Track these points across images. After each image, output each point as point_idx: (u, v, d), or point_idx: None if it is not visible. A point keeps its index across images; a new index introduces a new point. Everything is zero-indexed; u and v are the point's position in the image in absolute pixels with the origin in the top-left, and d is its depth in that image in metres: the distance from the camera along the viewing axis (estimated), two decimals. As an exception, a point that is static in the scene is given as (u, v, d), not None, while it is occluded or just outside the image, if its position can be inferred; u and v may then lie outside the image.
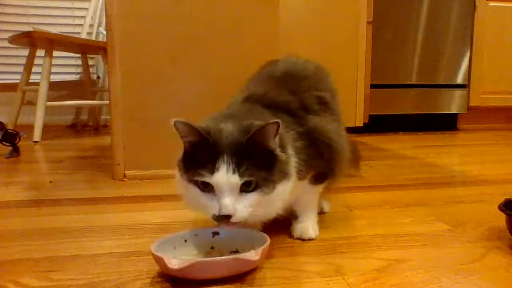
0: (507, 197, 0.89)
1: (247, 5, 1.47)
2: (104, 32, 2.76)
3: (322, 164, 0.83)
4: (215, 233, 0.80)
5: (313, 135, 0.81)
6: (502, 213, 0.83)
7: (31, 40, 2.49)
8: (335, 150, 0.84)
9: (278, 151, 0.72)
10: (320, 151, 0.82)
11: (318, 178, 0.85)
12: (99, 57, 3.16)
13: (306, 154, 0.79)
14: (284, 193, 0.73)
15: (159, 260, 0.68)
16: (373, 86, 2.70)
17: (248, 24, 1.47)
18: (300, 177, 0.79)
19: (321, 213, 1.02)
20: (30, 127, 2.38)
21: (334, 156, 0.84)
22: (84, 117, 3.32)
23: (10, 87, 2.90)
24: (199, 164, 0.69)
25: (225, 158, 0.68)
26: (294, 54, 0.97)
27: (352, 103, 2.48)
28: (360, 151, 1.32)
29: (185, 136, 0.72)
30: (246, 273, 0.70)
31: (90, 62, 3.20)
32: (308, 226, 0.88)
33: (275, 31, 1.48)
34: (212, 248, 0.78)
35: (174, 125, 0.70)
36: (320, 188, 0.89)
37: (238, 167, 0.68)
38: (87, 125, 3.28)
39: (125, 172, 1.43)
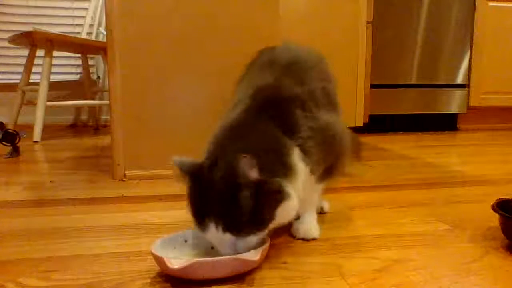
0: (507, 197, 0.89)
1: (247, 5, 1.47)
2: (104, 32, 2.76)
3: (330, 160, 0.84)
4: (215, 233, 0.80)
5: (325, 131, 0.81)
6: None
7: (31, 40, 2.49)
8: (342, 145, 0.85)
9: (263, 183, 0.68)
10: (332, 146, 0.83)
11: (324, 175, 0.85)
12: (99, 57, 3.16)
13: (321, 148, 0.79)
14: (289, 208, 0.71)
15: (159, 260, 0.68)
16: (373, 86, 2.71)
17: (248, 24, 1.47)
18: (314, 171, 0.80)
19: (321, 213, 1.03)
20: (30, 127, 2.38)
21: (341, 151, 0.85)
22: (84, 117, 3.32)
23: (10, 87, 2.90)
24: (192, 214, 0.71)
25: (212, 216, 0.67)
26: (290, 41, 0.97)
27: (352, 103, 2.48)
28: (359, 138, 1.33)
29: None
30: (246, 273, 0.70)
31: (90, 62, 3.20)
32: (311, 226, 0.88)
33: (275, 31, 1.48)
34: (212, 248, 0.78)
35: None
36: (323, 186, 0.89)
37: (226, 226, 0.67)
38: (87, 125, 3.28)
39: (125, 172, 1.43)
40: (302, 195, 0.78)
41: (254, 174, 0.67)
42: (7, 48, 3.00)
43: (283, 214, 0.71)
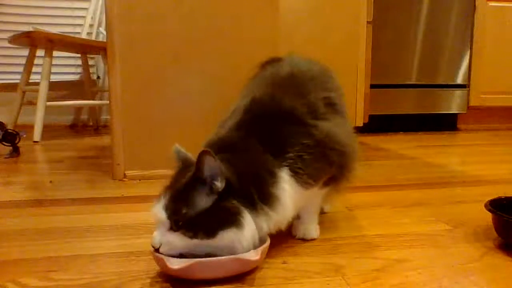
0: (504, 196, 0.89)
1: (247, 5, 1.47)
2: (104, 32, 2.76)
3: (333, 170, 0.82)
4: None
5: (323, 145, 0.79)
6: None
7: (31, 40, 2.48)
8: (346, 155, 0.83)
9: (221, 198, 0.68)
10: (330, 160, 0.80)
11: (328, 182, 0.84)
12: (99, 57, 3.16)
13: (314, 166, 0.78)
14: (234, 242, 0.67)
15: (159, 260, 0.68)
16: (373, 86, 2.70)
17: (248, 24, 1.47)
18: (308, 187, 0.78)
19: (321, 213, 1.02)
20: (30, 127, 2.38)
21: (346, 160, 0.84)
22: (84, 117, 3.31)
23: (10, 87, 2.89)
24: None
25: (167, 192, 0.70)
26: (296, 53, 0.97)
27: (352, 103, 2.47)
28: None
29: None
30: (246, 273, 0.70)
31: (90, 62, 3.20)
32: (311, 226, 0.88)
33: (275, 30, 1.48)
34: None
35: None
36: (326, 190, 0.88)
37: (169, 204, 0.68)
38: (87, 125, 3.28)
39: (125, 172, 1.43)
40: (302, 204, 0.80)
41: (219, 183, 0.68)
42: (7, 48, 3.00)
43: (224, 240, 0.67)
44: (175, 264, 0.65)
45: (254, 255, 0.68)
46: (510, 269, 0.74)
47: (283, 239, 0.86)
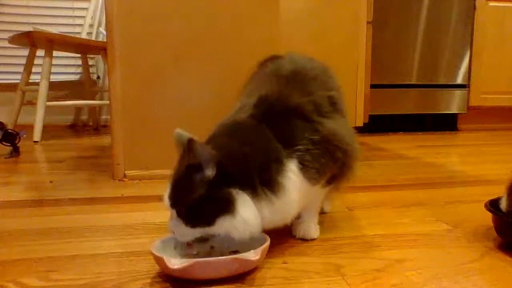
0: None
1: (247, 5, 1.47)
2: (104, 32, 2.76)
3: (335, 168, 0.83)
4: (215, 233, 0.80)
5: (329, 142, 0.80)
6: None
7: (31, 40, 2.49)
8: (348, 154, 0.83)
9: (213, 185, 0.68)
10: (335, 157, 0.81)
11: (329, 181, 0.85)
12: (99, 57, 3.16)
13: (320, 162, 0.78)
14: (230, 229, 0.69)
15: (159, 260, 0.68)
16: (373, 86, 2.71)
17: (248, 24, 1.47)
18: (314, 183, 0.79)
19: (321, 213, 1.02)
20: (30, 127, 2.39)
21: (348, 159, 0.84)
22: (84, 117, 3.32)
23: (10, 87, 2.90)
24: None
25: (171, 180, 0.71)
26: (295, 51, 0.97)
27: (352, 103, 2.48)
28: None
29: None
30: (246, 273, 0.70)
31: (90, 62, 3.20)
32: (310, 226, 0.88)
33: (275, 30, 1.48)
34: (212, 248, 0.78)
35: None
36: (328, 189, 0.88)
37: (171, 193, 0.70)
38: (87, 125, 3.28)
39: (125, 172, 1.43)
40: (307, 200, 0.80)
41: (208, 171, 0.68)
42: (7, 48, 3.00)
43: (223, 228, 0.68)
44: (175, 264, 0.65)
45: (254, 255, 0.68)
46: (510, 269, 0.74)
47: (283, 239, 0.86)
